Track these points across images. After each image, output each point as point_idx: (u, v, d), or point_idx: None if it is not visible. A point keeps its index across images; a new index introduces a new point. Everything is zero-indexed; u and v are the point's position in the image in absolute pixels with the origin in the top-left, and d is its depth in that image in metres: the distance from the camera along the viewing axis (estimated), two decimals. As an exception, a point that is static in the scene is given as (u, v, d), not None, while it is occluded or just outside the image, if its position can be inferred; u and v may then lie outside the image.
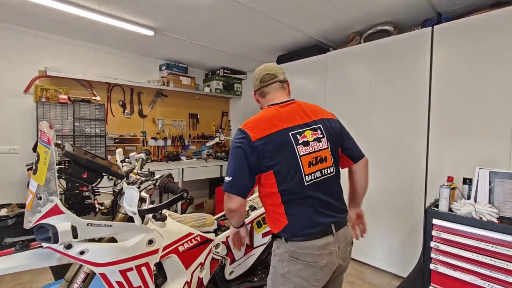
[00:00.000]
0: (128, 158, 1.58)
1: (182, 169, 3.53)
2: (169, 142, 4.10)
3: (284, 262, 1.07)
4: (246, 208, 1.20)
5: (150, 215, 1.22)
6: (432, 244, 1.70)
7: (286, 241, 1.07)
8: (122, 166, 1.45)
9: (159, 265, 1.37)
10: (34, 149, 1.11)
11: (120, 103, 3.62)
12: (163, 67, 3.93)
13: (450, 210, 1.71)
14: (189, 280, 1.39)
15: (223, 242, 1.62)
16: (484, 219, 1.55)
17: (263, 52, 3.54)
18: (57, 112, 2.96)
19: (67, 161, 1.19)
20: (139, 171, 1.46)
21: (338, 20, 2.55)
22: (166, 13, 2.44)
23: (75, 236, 1.02)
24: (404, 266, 2.34)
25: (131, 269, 1.18)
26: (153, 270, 1.28)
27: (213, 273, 1.60)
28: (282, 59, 3.42)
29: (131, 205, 1.03)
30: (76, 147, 1.30)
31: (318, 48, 3.06)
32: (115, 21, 2.56)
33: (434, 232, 1.70)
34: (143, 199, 1.11)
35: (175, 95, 4.16)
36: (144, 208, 1.07)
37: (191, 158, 4.19)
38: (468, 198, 1.75)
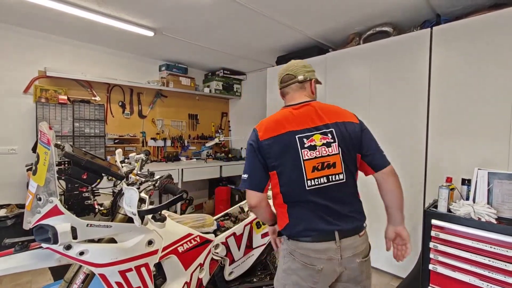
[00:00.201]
0: (128, 158, 1.58)
1: (182, 169, 3.52)
2: (168, 142, 4.10)
3: (285, 258, 1.11)
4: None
5: (150, 216, 1.23)
6: (431, 244, 1.71)
7: (288, 239, 1.10)
8: (122, 167, 1.45)
9: (159, 266, 1.37)
10: (34, 149, 1.11)
11: (120, 103, 3.62)
12: (163, 68, 3.93)
13: (449, 210, 1.71)
14: (188, 280, 1.40)
15: (222, 243, 1.62)
16: (483, 219, 1.55)
17: (263, 53, 3.55)
18: (56, 112, 2.95)
19: (66, 162, 1.19)
20: (138, 172, 1.46)
21: (338, 21, 2.56)
22: (165, 13, 2.44)
23: (75, 236, 1.02)
24: (404, 267, 2.33)
25: (130, 269, 1.18)
26: (153, 271, 1.28)
27: (213, 274, 1.60)
28: (281, 60, 3.42)
29: (130, 205, 1.04)
30: (76, 148, 1.30)
31: (318, 49, 3.06)
32: (115, 22, 2.56)
33: (433, 233, 1.71)
34: (142, 200, 1.12)
35: (174, 95, 4.16)
36: (143, 208, 1.07)
37: (191, 159, 4.19)
38: (467, 199, 1.75)
